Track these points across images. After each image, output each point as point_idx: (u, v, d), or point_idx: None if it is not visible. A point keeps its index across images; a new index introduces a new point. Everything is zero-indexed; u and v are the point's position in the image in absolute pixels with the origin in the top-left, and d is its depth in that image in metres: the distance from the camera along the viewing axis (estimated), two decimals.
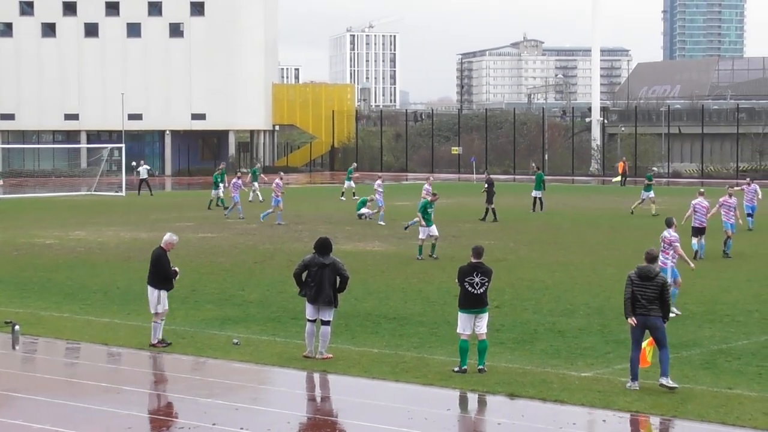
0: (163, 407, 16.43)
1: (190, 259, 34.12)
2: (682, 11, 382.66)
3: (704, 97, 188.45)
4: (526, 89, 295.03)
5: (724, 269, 31.90)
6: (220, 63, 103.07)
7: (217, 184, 57.42)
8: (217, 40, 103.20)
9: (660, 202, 59.21)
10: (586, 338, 21.35)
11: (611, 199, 64.15)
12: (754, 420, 15.38)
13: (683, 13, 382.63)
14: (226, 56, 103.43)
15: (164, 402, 16.76)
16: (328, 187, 77.92)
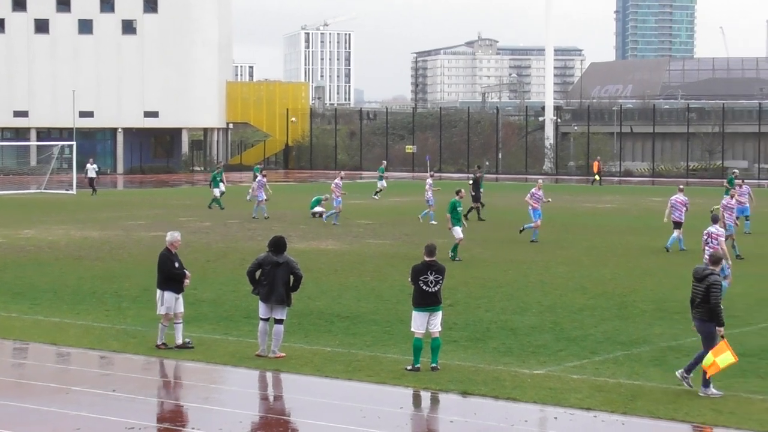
0: (113, 408, 16.31)
1: (142, 257, 33.96)
2: (634, 12, 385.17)
3: (656, 97, 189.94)
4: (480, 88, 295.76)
5: (674, 267, 32.13)
6: (174, 60, 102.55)
7: (217, 182, 56.57)
8: (170, 37, 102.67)
9: (611, 201, 59.67)
10: (539, 336, 21.44)
11: (564, 198, 64.40)
12: (703, 416, 15.52)
13: (635, 13, 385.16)
14: (179, 54, 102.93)
15: (114, 402, 16.64)
16: (282, 186, 77.71)
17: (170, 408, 16.51)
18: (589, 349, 20.14)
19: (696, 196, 56.37)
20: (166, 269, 20.33)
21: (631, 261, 33.87)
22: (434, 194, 49.13)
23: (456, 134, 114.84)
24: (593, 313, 24.10)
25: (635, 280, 29.48)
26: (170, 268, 20.33)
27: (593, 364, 18.87)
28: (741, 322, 22.87)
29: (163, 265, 20.37)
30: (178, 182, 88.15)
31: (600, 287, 27.99)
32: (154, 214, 52.18)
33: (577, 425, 15.41)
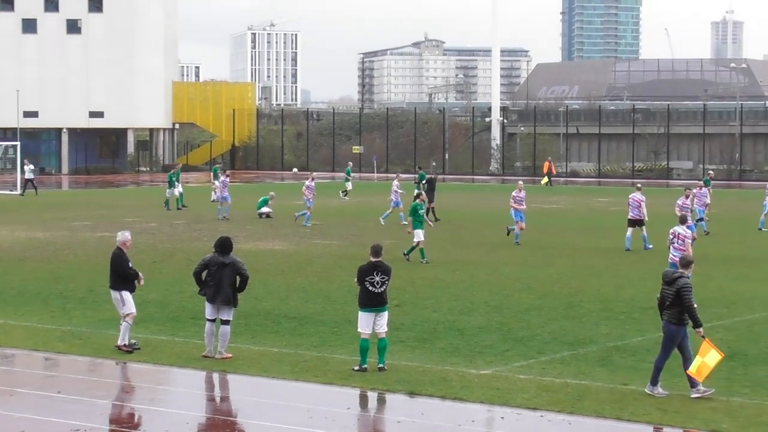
0: (59, 409, 16.18)
1: (87, 258, 33.69)
2: (580, 13, 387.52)
3: (601, 98, 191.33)
4: (427, 89, 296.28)
5: (620, 267, 32.36)
6: (119, 60, 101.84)
7: (173, 183, 56.00)
8: (115, 37, 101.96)
9: (557, 201, 59.97)
10: (486, 336, 21.50)
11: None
12: (648, 415, 15.63)
13: (581, 14, 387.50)
14: (125, 53, 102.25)
15: (60, 404, 16.50)
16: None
17: (116, 409, 16.39)
18: (536, 349, 20.22)
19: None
20: (122, 269, 20.17)
21: (577, 261, 34.06)
22: (400, 196, 48.48)
23: (403, 135, 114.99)
24: (540, 313, 24.20)
25: (582, 280, 29.65)
26: (126, 267, 20.18)
27: (540, 364, 18.95)
28: None
29: (118, 265, 20.20)
30: (124, 183, 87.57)
31: (547, 287, 28.12)
32: (100, 214, 51.79)
33: (524, 425, 15.47)
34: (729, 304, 25.53)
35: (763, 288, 28.11)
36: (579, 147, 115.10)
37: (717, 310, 24.53)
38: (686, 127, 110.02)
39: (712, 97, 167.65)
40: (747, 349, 20.18)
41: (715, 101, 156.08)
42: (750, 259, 34.65)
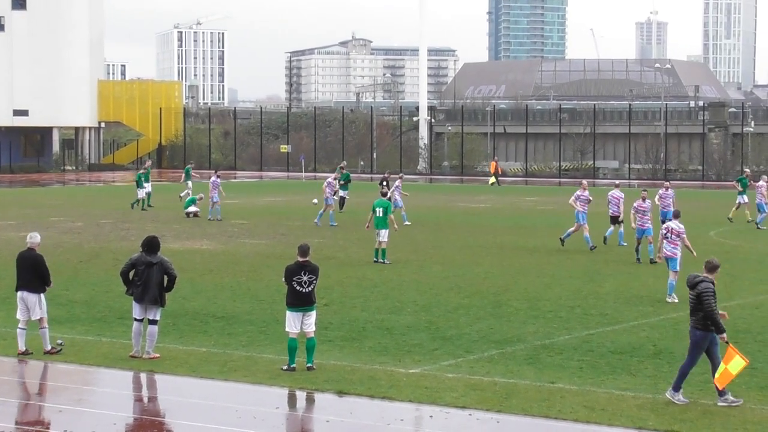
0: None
1: (11, 258, 33.22)
2: (507, 13, 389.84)
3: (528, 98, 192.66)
4: (354, 88, 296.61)
5: (547, 266, 32.58)
6: (44, 58, 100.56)
7: (140, 184, 54.82)
8: (40, 34, 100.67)
9: (485, 200, 60.26)
10: (414, 335, 21.54)
11: (438, 198, 64.92)
12: (575, 413, 15.75)
13: (508, 14, 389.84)
14: (49, 51, 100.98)
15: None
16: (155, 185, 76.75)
17: (43, 410, 16.19)
18: (464, 348, 20.30)
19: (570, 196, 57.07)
20: (44, 271, 19.91)
21: (505, 260, 34.25)
22: (402, 197, 48.02)
23: (330, 134, 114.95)
24: (468, 312, 24.30)
25: (509, 278, 29.82)
26: (47, 269, 19.94)
27: (468, 363, 19.03)
28: (611, 320, 23.29)
29: (42, 266, 19.91)
30: (49, 182, 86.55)
31: (474, 286, 28.24)
32: (25, 214, 51.13)
33: (453, 423, 15.52)
34: (654, 302, 25.80)
35: None
36: (506, 146, 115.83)
37: (643, 308, 24.80)
38: (612, 126, 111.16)
39: (637, 97, 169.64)
40: (673, 347, 20.42)
41: (640, 101, 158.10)
42: None
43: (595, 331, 22.06)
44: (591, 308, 24.82)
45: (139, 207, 53.90)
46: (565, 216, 46.86)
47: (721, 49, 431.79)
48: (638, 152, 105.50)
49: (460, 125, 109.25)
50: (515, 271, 31.38)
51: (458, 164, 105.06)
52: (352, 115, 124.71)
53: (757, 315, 24.08)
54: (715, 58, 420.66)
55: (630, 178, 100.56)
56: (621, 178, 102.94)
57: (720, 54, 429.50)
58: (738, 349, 20.17)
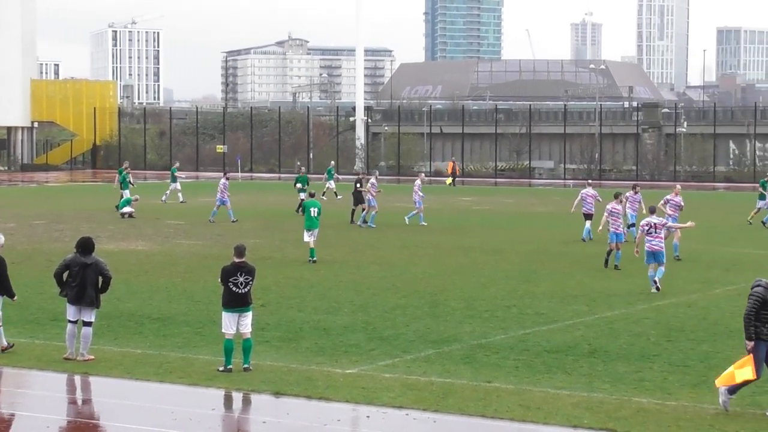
0: None
1: None
2: (443, 13, 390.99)
3: (464, 98, 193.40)
4: (291, 88, 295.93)
5: (483, 266, 32.70)
6: None
7: (127, 184, 53.60)
8: None
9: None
10: (351, 335, 21.53)
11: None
12: (512, 412, 15.82)
13: (444, 15, 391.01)
14: None
15: None
16: (89, 186, 76.23)
17: None
18: (401, 348, 20.32)
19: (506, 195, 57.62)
20: (6, 273, 19.68)
21: (441, 260, 34.33)
22: (419, 196, 47.70)
23: (267, 134, 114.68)
24: (405, 312, 24.33)
25: (446, 278, 29.89)
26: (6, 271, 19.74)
27: (405, 363, 19.05)
28: (547, 320, 23.42)
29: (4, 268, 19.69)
30: None
31: (411, 286, 28.28)
32: None
33: (390, 424, 15.52)
34: (589, 301, 26.00)
35: (622, 285, 28.69)
36: (442, 146, 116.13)
37: (577, 307, 24.97)
38: (547, 127, 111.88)
39: (572, 97, 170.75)
40: (607, 345, 20.58)
41: (575, 102, 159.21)
42: None
43: (530, 330, 22.17)
44: (527, 308, 24.95)
45: None
46: (500, 215, 47.10)
47: (655, 51, 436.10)
48: (573, 152, 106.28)
49: (397, 125, 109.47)
50: (452, 271, 31.47)
51: (395, 164, 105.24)
52: (289, 115, 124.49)
53: (690, 314, 24.33)
54: (649, 59, 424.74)
55: (565, 178, 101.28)
56: (556, 178, 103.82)
57: (653, 55, 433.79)
58: (671, 347, 20.40)
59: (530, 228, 46.28)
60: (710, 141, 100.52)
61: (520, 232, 44.01)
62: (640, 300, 26.20)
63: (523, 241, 40.25)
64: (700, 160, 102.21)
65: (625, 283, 29.20)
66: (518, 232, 44.29)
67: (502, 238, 41.20)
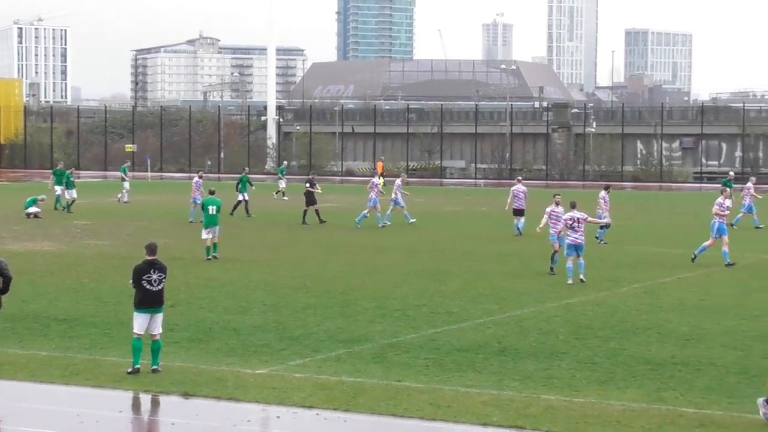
0: None
1: None
2: (355, 13, 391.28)
3: (376, 98, 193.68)
4: (202, 87, 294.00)
5: (395, 265, 32.73)
6: None
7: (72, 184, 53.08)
8: None
9: (334, 200, 60.32)
10: (262, 335, 21.41)
11: (288, 197, 64.67)
12: (422, 410, 15.83)
13: (356, 15, 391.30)
14: None
15: None
16: None
17: None
18: (312, 348, 20.25)
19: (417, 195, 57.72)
20: None
21: (354, 259, 34.31)
22: (401, 196, 47.47)
23: (177, 133, 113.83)
24: (316, 311, 24.26)
25: (358, 278, 29.87)
26: None
27: (316, 363, 18.98)
28: (457, 319, 23.50)
29: None
30: None
31: (323, 286, 28.20)
32: None
33: (300, 423, 15.46)
34: (499, 299, 26.14)
35: (531, 284, 28.91)
36: (354, 146, 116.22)
37: (488, 306, 25.09)
38: (459, 126, 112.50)
39: (483, 97, 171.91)
40: (517, 343, 20.70)
41: (486, 102, 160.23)
42: (517, 256, 35.57)
43: (441, 329, 22.23)
44: (438, 307, 25.01)
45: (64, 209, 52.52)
46: (412, 215, 47.25)
47: (564, 51, 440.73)
48: (484, 152, 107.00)
49: (309, 125, 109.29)
50: (364, 271, 31.46)
51: (306, 164, 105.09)
52: (200, 115, 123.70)
53: (598, 311, 24.57)
54: (559, 59, 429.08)
55: (476, 178, 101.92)
56: (467, 177, 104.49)
57: (563, 56, 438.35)
58: (579, 345, 20.59)
59: (441, 227, 46.45)
60: (618, 141, 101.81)
61: (431, 232, 44.14)
62: (550, 298, 26.41)
63: (434, 241, 40.39)
64: (608, 159, 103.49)
65: (535, 281, 29.43)
66: (429, 231, 44.41)
67: (413, 238, 41.29)
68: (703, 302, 25.93)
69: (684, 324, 22.89)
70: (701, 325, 22.82)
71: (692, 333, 21.87)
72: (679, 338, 21.31)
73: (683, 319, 23.53)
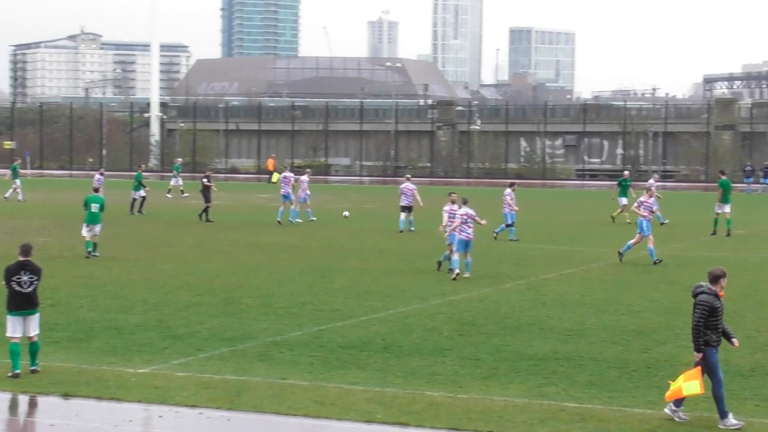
0: None
1: None
2: (240, 9, 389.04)
3: (262, 95, 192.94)
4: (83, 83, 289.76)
5: (279, 263, 32.63)
6: None
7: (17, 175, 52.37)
8: None
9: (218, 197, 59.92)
10: (144, 334, 21.15)
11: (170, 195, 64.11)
12: (306, 408, 15.78)
13: (241, 11, 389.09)
14: None
15: None
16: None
17: None
18: (195, 346, 20.06)
19: None
20: None
21: (237, 257, 34.12)
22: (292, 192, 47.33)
23: (58, 130, 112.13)
24: (199, 310, 24.05)
25: (241, 276, 29.70)
26: None
27: (199, 361, 18.82)
28: (342, 316, 23.49)
29: None
30: None
31: (206, 284, 27.99)
32: None
33: (183, 423, 15.30)
34: (384, 297, 26.20)
35: (415, 281, 29.03)
36: (239, 143, 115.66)
37: (372, 303, 25.13)
38: (344, 124, 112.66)
39: (368, 95, 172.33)
40: (401, 340, 20.75)
41: (371, 99, 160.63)
42: (402, 253, 35.70)
43: (326, 326, 22.20)
44: (322, 304, 24.98)
45: None
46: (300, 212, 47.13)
47: (449, 49, 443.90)
48: (369, 149, 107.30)
49: (193, 122, 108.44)
50: (248, 268, 31.29)
51: (191, 161, 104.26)
52: (81, 111, 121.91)
53: (482, 308, 24.77)
54: (444, 57, 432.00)
55: (362, 175, 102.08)
56: (352, 174, 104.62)
57: (448, 54, 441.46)
58: (463, 341, 20.73)
59: (326, 224, 46.42)
60: (502, 138, 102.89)
61: (316, 229, 44.10)
62: (434, 295, 26.55)
63: (319, 238, 40.36)
64: (492, 157, 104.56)
65: (419, 279, 29.56)
66: (314, 228, 44.37)
67: (297, 235, 41.21)
68: (585, 298, 26.31)
69: (566, 320, 23.19)
70: (583, 320, 23.14)
71: (574, 328, 22.16)
72: (561, 334, 21.58)
73: (565, 314, 23.84)
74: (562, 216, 52.97)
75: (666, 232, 43.26)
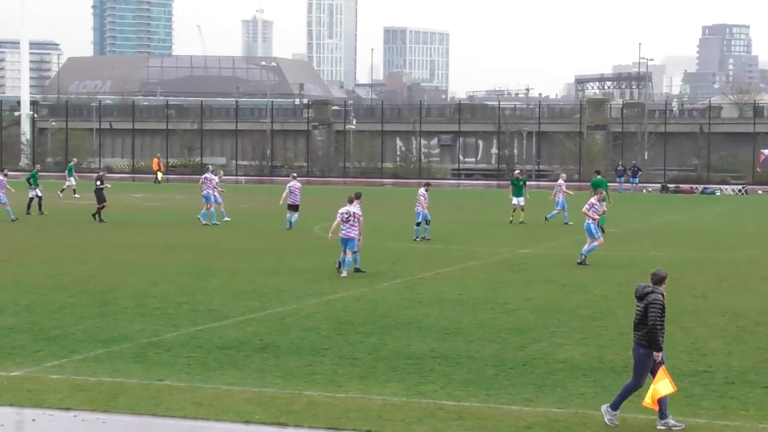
0: None
1: None
2: (113, 7, 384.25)
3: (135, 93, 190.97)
4: None
5: (154, 263, 32.29)
6: None
7: None
8: None
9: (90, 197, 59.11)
10: (15, 337, 20.75)
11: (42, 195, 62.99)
12: (183, 409, 15.63)
13: (113, 9, 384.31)
14: None
15: None
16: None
17: None
18: (69, 348, 19.74)
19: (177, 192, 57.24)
20: None
21: (112, 257, 33.67)
22: None
23: None
24: (73, 311, 23.68)
25: (116, 276, 29.32)
26: None
27: (73, 363, 18.52)
28: (219, 316, 23.33)
29: None
30: None
31: (80, 285, 27.56)
32: None
33: (56, 426, 15.04)
34: (261, 297, 26.09)
35: (292, 281, 28.97)
36: (113, 142, 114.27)
37: (249, 303, 25.01)
38: (219, 123, 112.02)
39: (243, 94, 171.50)
40: (279, 340, 20.69)
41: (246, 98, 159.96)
42: (278, 253, 35.61)
43: (202, 327, 22.03)
44: (199, 304, 24.78)
45: None
46: (172, 212, 46.71)
47: (324, 49, 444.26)
48: (245, 149, 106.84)
49: (65, 121, 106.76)
50: (123, 269, 30.90)
51: (62, 161, 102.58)
52: None
53: (360, 307, 24.82)
54: (319, 57, 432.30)
55: (237, 174, 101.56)
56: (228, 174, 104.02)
57: (323, 53, 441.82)
58: (341, 341, 20.76)
59: (203, 225, 46.06)
60: (378, 138, 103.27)
61: (192, 229, 43.75)
62: (311, 295, 26.53)
63: (195, 237, 40.05)
64: (368, 156, 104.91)
65: (295, 278, 29.51)
66: (190, 228, 44.01)
67: (173, 235, 40.84)
68: (462, 297, 26.53)
69: (443, 318, 23.36)
70: (460, 319, 23.33)
71: (451, 327, 22.33)
72: (439, 332, 21.73)
73: (442, 313, 24.01)
74: (439, 215, 53.30)
75: (539, 232, 43.85)
